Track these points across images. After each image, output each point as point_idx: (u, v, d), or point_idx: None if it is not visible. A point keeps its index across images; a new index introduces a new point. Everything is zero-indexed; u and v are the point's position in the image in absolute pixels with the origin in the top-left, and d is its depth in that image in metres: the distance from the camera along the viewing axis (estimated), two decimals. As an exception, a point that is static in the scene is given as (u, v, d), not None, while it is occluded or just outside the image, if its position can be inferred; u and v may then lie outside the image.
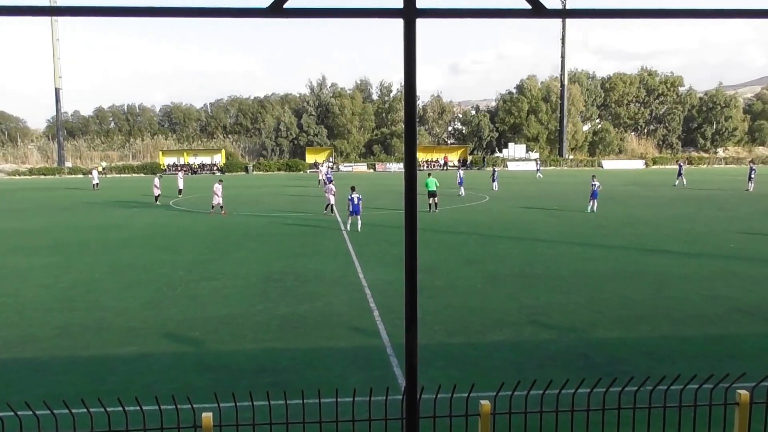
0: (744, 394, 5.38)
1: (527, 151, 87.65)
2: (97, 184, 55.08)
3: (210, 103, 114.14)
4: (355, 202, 26.27)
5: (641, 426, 5.36)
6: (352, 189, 26.93)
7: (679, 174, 51.73)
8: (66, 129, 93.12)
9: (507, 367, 10.53)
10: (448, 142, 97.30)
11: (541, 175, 62.78)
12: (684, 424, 5.34)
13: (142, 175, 77.91)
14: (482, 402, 5.17)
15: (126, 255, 21.45)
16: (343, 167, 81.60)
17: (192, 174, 77.09)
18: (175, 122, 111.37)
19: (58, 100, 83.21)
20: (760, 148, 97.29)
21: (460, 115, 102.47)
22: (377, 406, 5.46)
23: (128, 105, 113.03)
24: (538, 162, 71.40)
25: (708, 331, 12.47)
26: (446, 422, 5.12)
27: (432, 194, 33.22)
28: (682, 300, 14.80)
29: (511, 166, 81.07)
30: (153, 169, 78.51)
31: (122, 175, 77.16)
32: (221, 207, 33.28)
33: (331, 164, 73.40)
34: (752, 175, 45.75)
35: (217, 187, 33.67)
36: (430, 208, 32.99)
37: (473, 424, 5.18)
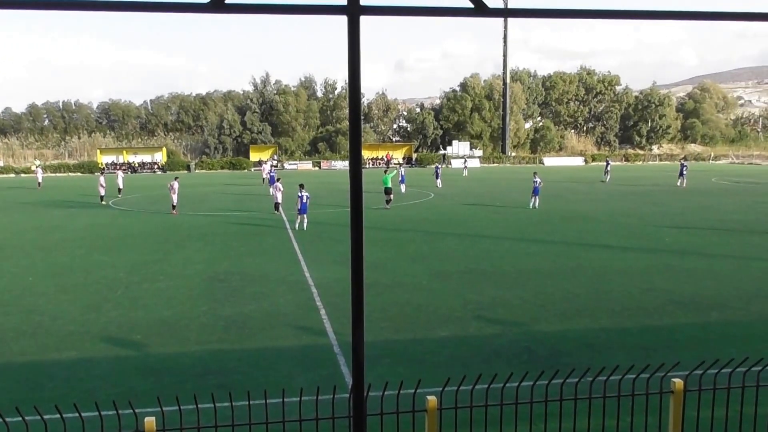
0: (678, 382, 5.58)
1: (471, 149, 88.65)
2: (40, 182, 54.19)
3: (150, 100, 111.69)
4: (304, 200, 26.13)
5: (582, 416, 5.49)
6: (301, 187, 26.76)
7: (606, 170, 53.54)
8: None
9: (453, 362, 10.64)
10: (393, 139, 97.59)
11: (467, 174, 63.59)
12: (622, 412, 5.51)
13: (79, 174, 75.61)
14: (429, 398, 5.22)
15: (64, 257, 20.79)
16: (288, 165, 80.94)
17: (132, 173, 75.24)
18: (113, 119, 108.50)
19: (-12, 97, 79.97)
20: (692, 145, 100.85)
21: (405, 113, 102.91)
22: (325, 405, 5.44)
23: (63, 101, 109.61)
24: (466, 160, 72.36)
25: (645, 323, 12.88)
26: (393, 419, 5.15)
27: (388, 191, 34.04)
28: (621, 293, 15.23)
29: (455, 163, 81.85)
30: (90, 168, 76.22)
31: (58, 174, 74.62)
32: (174, 206, 32.57)
33: (274, 162, 72.70)
34: (684, 172, 47.38)
35: (175, 185, 33.00)
36: (388, 204, 33.53)
37: (420, 420, 5.22)
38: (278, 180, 34.01)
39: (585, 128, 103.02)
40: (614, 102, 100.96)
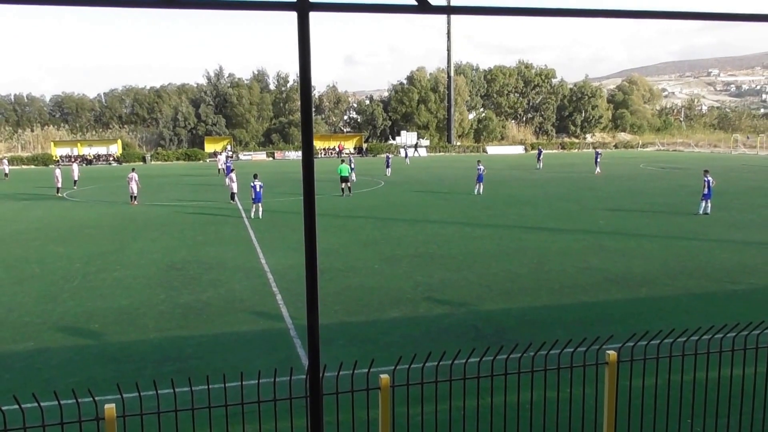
0: (612, 354, 5.75)
1: (418, 138, 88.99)
2: (7, 174, 53.79)
3: (104, 93, 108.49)
4: (257, 189, 25.82)
5: (526, 389, 5.61)
6: (255, 176, 26.42)
7: (539, 158, 54.31)
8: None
9: (404, 341, 10.72)
10: (344, 130, 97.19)
11: (409, 162, 63.87)
12: (562, 384, 5.64)
13: (33, 166, 73.02)
14: (381, 376, 5.24)
15: (18, 249, 20.08)
16: (243, 156, 79.83)
17: (87, 165, 73.07)
18: (67, 112, 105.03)
19: (-62, 91, 76.35)
20: (622, 133, 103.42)
21: (355, 105, 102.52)
22: (282, 387, 5.41)
23: (15, 95, 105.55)
24: (407, 149, 72.67)
25: (582, 299, 13.21)
26: (348, 397, 5.16)
27: (344, 179, 33.95)
28: (560, 272, 15.58)
29: (409, 152, 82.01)
30: (45, 160, 73.69)
31: (12, 167, 71.85)
32: (134, 197, 31.73)
33: (230, 153, 71.56)
34: (598, 159, 48.12)
35: (134, 176, 32.14)
36: (343, 192, 33.44)
37: (374, 398, 5.24)
38: (233, 171, 33.54)
39: (524, 118, 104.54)
40: (551, 94, 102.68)
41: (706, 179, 25.24)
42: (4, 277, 16.22)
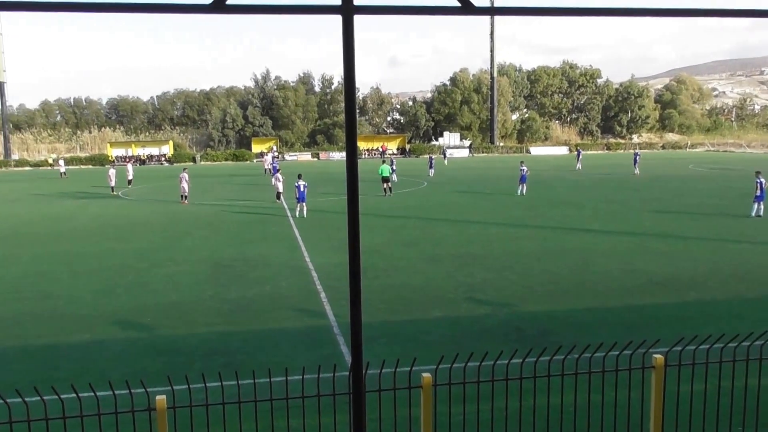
0: (659, 358, 5.60)
1: (461, 139, 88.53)
2: (64, 172, 56.34)
3: (157, 96, 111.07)
4: (301, 189, 26.08)
5: (569, 391, 5.51)
6: (299, 177, 26.71)
7: (578, 159, 53.27)
8: (11, 122, 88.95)
9: (446, 341, 10.67)
10: (388, 131, 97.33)
11: (446, 163, 63.40)
12: (607, 387, 5.52)
13: (90, 166, 75.25)
14: (424, 375, 5.23)
15: (76, 245, 20.72)
16: (288, 156, 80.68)
17: (140, 164, 74.93)
18: (122, 115, 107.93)
19: (2, 94, 79.25)
20: (670, 134, 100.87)
21: (398, 106, 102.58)
22: (325, 383, 5.45)
23: (75, 98, 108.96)
24: (445, 151, 72.10)
25: (627, 302, 12.92)
26: (390, 395, 5.16)
27: (385, 180, 34.11)
28: (604, 274, 15.27)
29: (447, 153, 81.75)
30: (101, 160, 75.92)
31: (70, 167, 74.17)
32: (185, 197, 32.44)
33: (276, 154, 72.42)
34: (637, 160, 46.60)
35: (185, 175, 32.85)
36: (385, 193, 33.58)
37: (416, 396, 5.23)
38: (279, 171, 33.91)
39: (569, 119, 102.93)
40: (596, 94, 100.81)
41: (758, 180, 24.41)
42: (64, 271, 16.76)
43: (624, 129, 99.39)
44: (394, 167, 43.24)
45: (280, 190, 31.88)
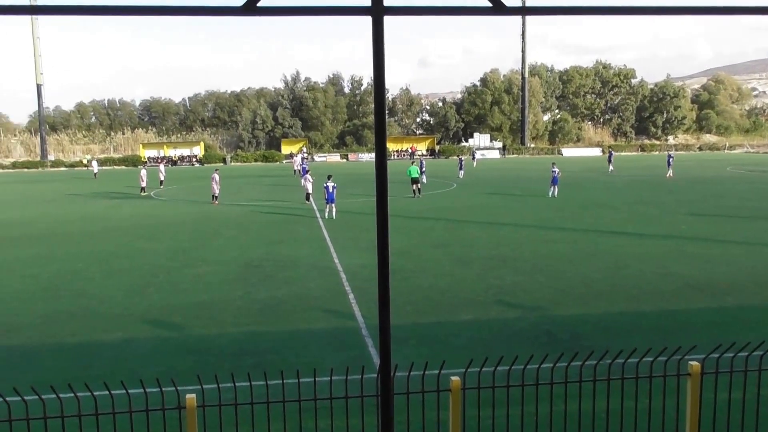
0: (695, 365, 5.49)
1: (491, 140, 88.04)
2: (96, 173, 58.10)
3: (188, 98, 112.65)
4: (330, 190, 26.17)
5: (601, 397, 5.43)
6: (328, 177, 26.82)
7: (610, 161, 52.35)
8: (48, 123, 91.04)
9: (475, 344, 10.61)
10: (417, 132, 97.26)
11: (475, 164, 62.86)
12: (640, 394, 5.43)
13: (123, 167, 76.61)
14: (452, 378, 5.20)
15: (109, 244, 21.11)
16: (317, 157, 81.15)
17: (172, 165, 76.05)
18: (154, 116, 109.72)
19: (39, 96, 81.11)
20: (708, 135, 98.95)
21: (428, 107, 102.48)
22: (353, 385, 5.46)
23: (108, 100, 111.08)
24: (474, 152, 71.29)
25: (662, 307, 12.69)
26: (419, 398, 5.14)
27: (414, 181, 34.03)
28: (638, 278, 15.03)
29: (478, 154, 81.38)
30: (134, 161, 77.32)
31: (104, 168, 75.59)
32: (215, 197, 32.87)
33: (305, 155, 72.88)
34: (671, 162, 45.46)
35: (216, 176, 33.25)
36: (414, 194, 33.53)
37: (444, 399, 5.21)
38: (309, 172, 34.09)
39: (602, 120, 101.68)
40: (630, 94, 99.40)
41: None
42: (97, 270, 17.08)
43: (659, 130, 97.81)
44: (424, 168, 43.14)
45: (310, 191, 32.05)
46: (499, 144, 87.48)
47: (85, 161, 74.45)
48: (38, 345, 11.09)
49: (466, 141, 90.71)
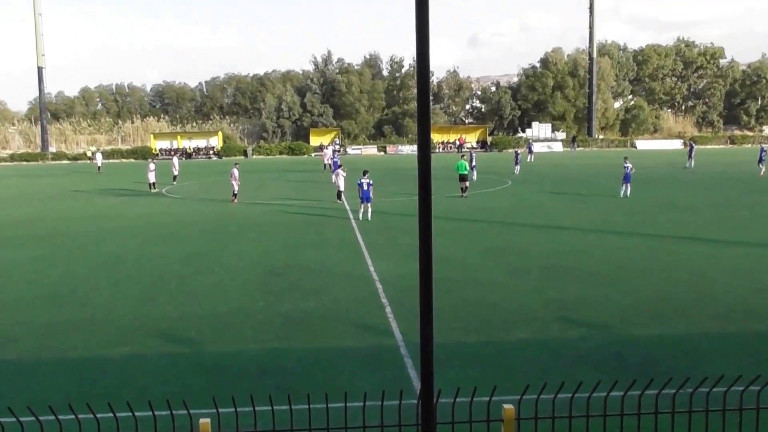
0: (794, 396, 5.34)
1: (553, 131, 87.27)
2: (100, 167, 59.54)
3: (205, 82, 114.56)
4: (365, 187, 26.12)
5: (681, 431, 5.32)
6: (364, 173, 26.79)
7: (690, 155, 51.08)
8: (49, 111, 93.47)
9: (532, 367, 10.51)
10: (466, 121, 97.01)
11: (531, 158, 61.96)
12: (728, 429, 5.30)
13: (132, 160, 78.23)
14: (505, 406, 5.16)
15: (117, 247, 21.56)
16: (351, 150, 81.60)
17: (186, 158, 77.33)
18: (167, 103, 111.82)
19: (41, 80, 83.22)
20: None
21: (479, 92, 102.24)
22: (390, 411, 5.45)
23: (117, 84, 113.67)
24: (531, 143, 70.04)
25: (755, 328, 12.38)
26: (466, 428, 5.11)
27: (463, 178, 33.76)
28: (725, 293, 14.70)
29: (536, 147, 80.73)
30: (144, 153, 78.76)
31: (111, 161, 77.33)
32: (235, 194, 33.27)
33: (337, 147, 73.31)
34: (763, 157, 44.05)
35: (234, 171, 33.66)
36: (462, 193, 33.41)
37: (495, 430, 5.16)
38: (341, 167, 34.24)
39: (683, 107, 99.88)
40: (717, 77, 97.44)
41: None
42: (103, 276, 17.47)
43: (752, 119, 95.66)
44: (474, 163, 42.98)
45: (342, 188, 32.21)
46: (561, 135, 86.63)
47: (89, 153, 76.21)
48: (36, 359, 11.37)
49: (524, 131, 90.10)
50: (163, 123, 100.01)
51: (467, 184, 34.04)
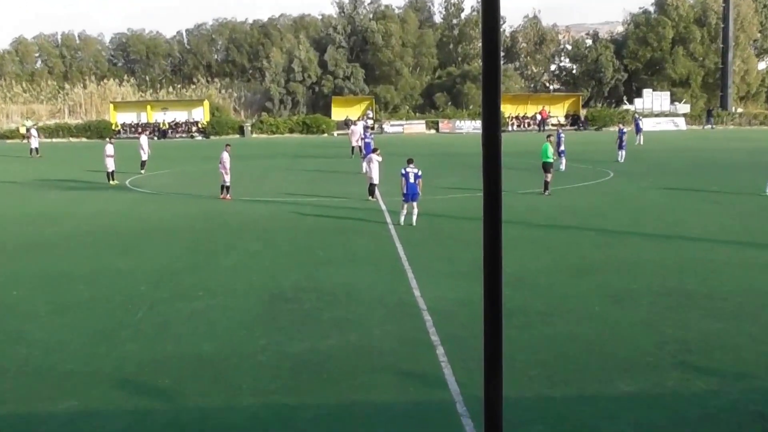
0: None
1: (672, 102, 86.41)
2: (36, 149, 59.48)
3: (186, 31, 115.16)
4: (411, 180, 25.89)
5: None
6: (408, 162, 26.60)
7: None
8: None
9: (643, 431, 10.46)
10: (551, 88, 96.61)
11: (641, 141, 60.96)
12: None
13: (84, 139, 78.83)
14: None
15: (63, 261, 21.76)
16: (390, 127, 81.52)
17: (160, 138, 77.84)
18: (133, 60, 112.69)
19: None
20: None
21: (569, 47, 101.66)
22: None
23: (63, 34, 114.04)
24: (640, 119, 68.65)
25: None
26: None
27: (547, 167, 33.65)
28: None
29: (647, 124, 79.84)
30: (100, 131, 78.92)
31: (56, 140, 78.23)
32: (227, 188, 33.26)
33: (369, 122, 73.29)
34: None
35: (224, 156, 33.78)
36: (545, 188, 33.38)
37: None
38: (375, 150, 34.19)
39: None
40: None
41: None
42: (43, 302, 17.59)
43: None
44: (562, 147, 42.58)
45: (375, 180, 32.09)
46: (684, 107, 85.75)
47: (23, 129, 76.67)
48: (-45, 414, 11.53)
49: (631, 102, 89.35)
50: (127, 88, 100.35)
51: (550, 176, 33.66)
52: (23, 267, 21.19)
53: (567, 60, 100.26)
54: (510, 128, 79.77)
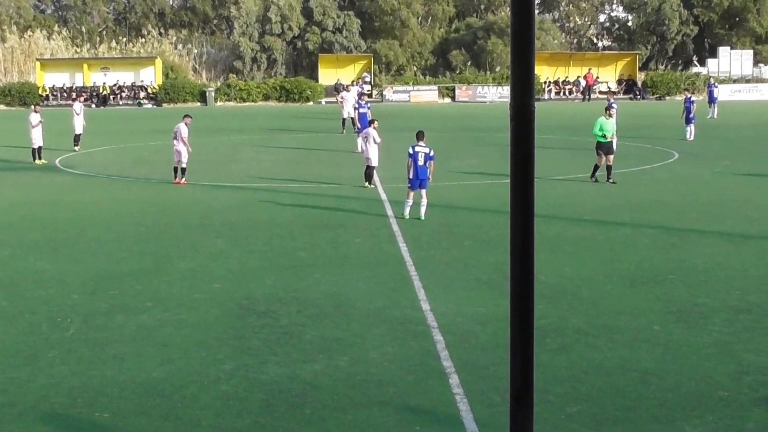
0: None
1: (756, 64, 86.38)
2: None
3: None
4: (421, 162, 25.73)
5: None
6: (418, 136, 26.38)
7: None
8: None
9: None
10: (599, 45, 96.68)
11: (715, 115, 60.64)
12: None
13: (3, 107, 79.00)
14: None
15: (-26, 262, 21.80)
16: (392, 94, 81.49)
17: (100, 105, 77.89)
18: (66, 6, 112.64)
19: None
20: None
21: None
22: None
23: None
24: (714, 86, 67.89)
25: None
26: None
27: (603, 147, 33.33)
28: None
29: (723, 92, 79.65)
30: (23, 96, 79.20)
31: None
32: (182, 170, 33.17)
33: (365, 88, 73.18)
34: None
35: (182, 130, 33.81)
36: (593, 173, 33.23)
37: None
38: (373, 123, 34.21)
39: None
40: None
41: None
42: (-53, 313, 17.68)
43: None
44: (615, 120, 42.42)
45: (374, 162, 32.06)
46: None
47: None
48: None
49: (703, 64, 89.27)
50: (58, 42, 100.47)
51: (611, 158, 33.33)
52: None
53: (620, 9, 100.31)
54: (546, 96, 79.75)
